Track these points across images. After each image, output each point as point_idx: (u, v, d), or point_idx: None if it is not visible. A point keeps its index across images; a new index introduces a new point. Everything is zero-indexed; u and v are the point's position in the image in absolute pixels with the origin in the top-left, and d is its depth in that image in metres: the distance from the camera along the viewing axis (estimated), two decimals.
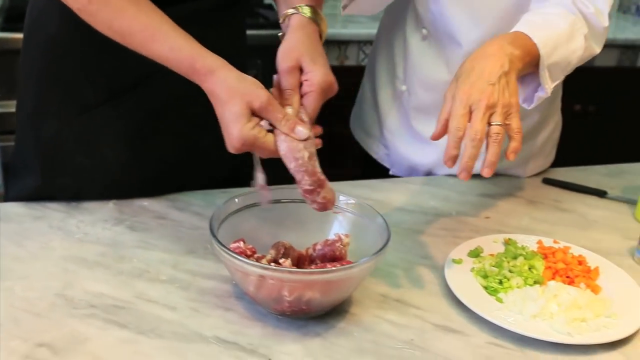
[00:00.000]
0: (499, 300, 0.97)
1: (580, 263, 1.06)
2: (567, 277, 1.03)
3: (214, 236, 0.87)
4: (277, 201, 1.01)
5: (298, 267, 0.95)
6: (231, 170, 1.27)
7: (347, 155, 1.83)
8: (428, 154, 1.38)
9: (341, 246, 0.95)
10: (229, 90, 0.89)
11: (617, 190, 1.37)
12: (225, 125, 0.89)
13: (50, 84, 1.12)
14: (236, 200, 0.97)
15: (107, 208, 1.14)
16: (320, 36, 1.05)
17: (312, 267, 0.95)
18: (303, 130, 0.91)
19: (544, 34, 1.03)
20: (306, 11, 1.03)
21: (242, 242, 0.92)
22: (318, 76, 0.96)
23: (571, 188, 1.37)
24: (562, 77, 1.10)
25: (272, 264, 0.91)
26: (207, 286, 0.96)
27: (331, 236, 0.99)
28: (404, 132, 1.41)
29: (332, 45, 2.44)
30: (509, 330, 0.90)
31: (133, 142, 1.15)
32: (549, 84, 1.06)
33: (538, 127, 1.40)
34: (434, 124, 1.33)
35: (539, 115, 1.37)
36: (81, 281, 0.95)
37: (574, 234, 1.19)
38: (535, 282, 1.00)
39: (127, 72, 1.10)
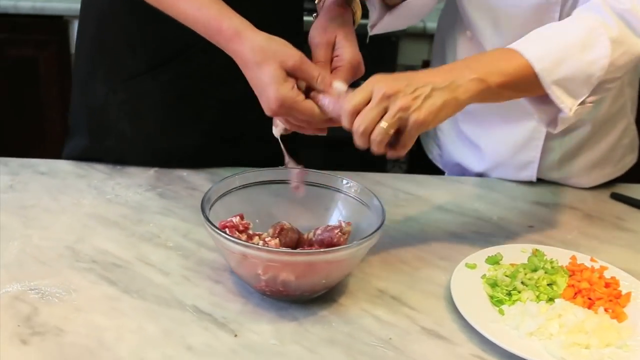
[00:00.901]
0: (501, 312, 0.90)
1: (607, 285, 0.96)
2: (589, 298, 0.95)
3: (203, 209, 0.88)
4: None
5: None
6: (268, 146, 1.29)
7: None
8: (478, 159, 1.32)
9: (340, 233, 0.94)
10: (260, 51, 0.89)
11: None
12: (260, 88, 0.89)
13: (98, 52, 1.20)
14: (236, 177, 0.98)
15: (147, 175, 1.20)
16: (354, 21, 1.05)
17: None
18: (341, 85, 0.91)
19: (540, 49, 0.92)
20: None
21: (238, 217, 0.93)
22: (349, 53, 0.97)
23: None
24: (586, 93, 0.95)
25: (261, 242, 0.91)
26: (207, 257, 0.98)
27: (333, 222, 0.97)
28: (455, 134, 1.36)
29: (422, 38, 2.37)
30: (498, 346, 0.84)
31: (172, 112, 1.20)
32: (567, 102, 0.94)
33: (600, 132, 1.29)
34: (482, 127, 1.29)
35: (593, 127, 1.27)
36: (94, 237, 1.01)
37: (623, 255, 1.08)
38: (550, 300, 0.93)
39: (168, 44, 1.15)
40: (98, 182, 1.16)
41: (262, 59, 0.89)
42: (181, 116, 1.20)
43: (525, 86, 0.94)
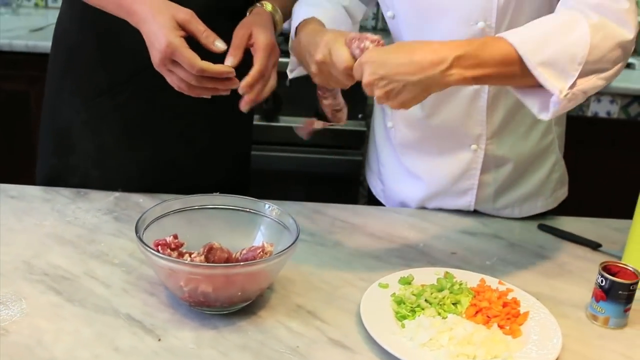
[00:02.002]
0: (402, 326, 1.01)
1: (505, 305, 1.06)
2: (487, 316, 1.05)
3: (137, 228, 1.00)
4: (224, 207, 1.13)
5: None
6: (227, 171, 1.42)
7: None
8: (417, 189, 1.42)
9: (262, 253, 1.05)
10: (157, 6, 1.07)
11: (618, 245, 1.33)
12: (153, 37, 1.05)
13: (63, 77, 1.34)
14: (178, 201, 1.10)
15: (107, 200, 1.33)
16: (275, 27, 1.24)
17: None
18: (220, 44, 1.08)
19: (522, 34, 1.00)
20: (268, 6, 1.23)
21: (172, 237, 1.05)
22: (262, 39, 1.16)
23: (566, 237, 1.35)
24: (574, 73, 0.99)
25: (189, 259, 1.03)
26: (147, 273, 1.10)
27: (258, 243, 1.09)
28: (395, 168, 1.45)
29: None
30: (392, 355, 0.94)
31: (129, 131, 1.33)
32: (557, 84, 0.99)
33: (531, 167, 1.40)
34: (421, 159, 1.40)
35: (523, 160, 1.38)
36: (49, 254, 1.13)
37: (534, 280, 1.18)
38: (449, 314, 1.03)
39: (124, 65, 1.29)
40: (61, 206, 1.29)
41: (157, 11, 1.07)
42: (137, 135, 1.33)
43: (512, 74, 1.01)
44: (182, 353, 0.93)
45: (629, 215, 1.25)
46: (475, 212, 1.42)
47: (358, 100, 2.22)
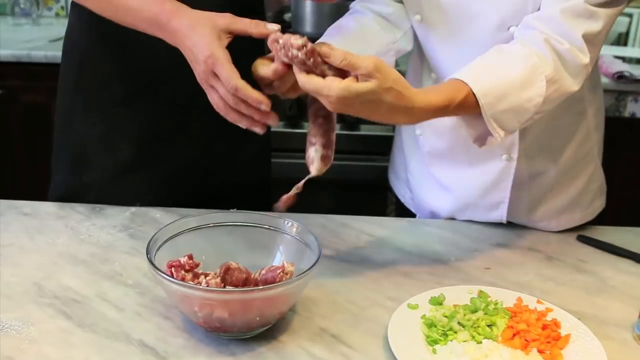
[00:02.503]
0: (434, 352, 0.94)
1: (545, 327, 0.98)
2: (526, 339, 0.97)
3: (148, 250, 0.95)
4: (242, 224, 1.07)
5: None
6: (247, 177, 1.36)
7: None
8: (446, 200, 1.35)
9: (282, 274, 0.98)
10: (195, 19, 0.99)
11: None
12: (195, 50, 0.98)
13: (75, 91, 1.30)
14: (193, 219, 1.04)
15: (123, 216, 1.27)
16: None
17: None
18: (274, 25, 0.98)
19: (487, 84, 1.00)
20: None
21: (186, 257, 0.99)
22: None
23: (606, 249, 1.26)
24: (519, 126, 1.06)
25: (204, 281, 0.97)
26: (162, 295, 1.04)
27: (277, 262, 1.02)
28: (424, 177, 1.39)
29: None
30: None
31: (146, 142, 1.29)
32: (500, 133, 1.04)
33: (568, 177, 1.32)
34: (451, 170, 1.33)
35: (563, 170, 1.30)
36: (60, 275, 1.08)
37: (576, 298, 1.10)
38: (485, 339, 0.96)
39: (139, 74, 1.25)
40: (75, 223, 1.24)
41: (197, 23, 0.99)
42: (154, 145, 1.29)
43: (465, 110, 1.03)
44: None
45: None
46: (509, 224, 1.34)
47: None
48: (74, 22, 1.30)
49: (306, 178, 1.00)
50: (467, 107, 1.01)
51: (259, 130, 1.01)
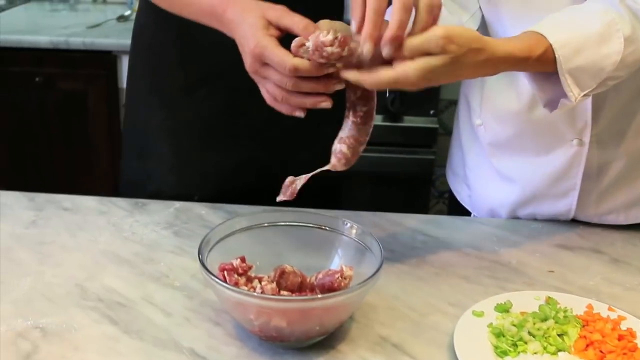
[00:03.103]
0: None
1: (621, 338, 0.92)
2: (601, 351, 0.90)
3: (199, 251, 0.89)
4: (297, 224, 1.01)
5: (298, 294, 0.94)
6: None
7: None
8: (508, 193, 1.28)
9: (341, 278, 0.92)
10: (247, 7, 0.94)
11: None
12: (243, 41, 0.92)
13: (142, 76, 1.29)
14: (243, 219, 0.98)
15: (167, 212, 1.22)
16: None
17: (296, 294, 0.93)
18: (326, 24, 0.90)
19: (565, 36, 0.96)
20: None
21: (239, 260, 0.93)
22: None
23: None
24: (593, 85, 0.99)
25: (259, 286, 0.91)
26: (211, 298, 0.98)
27: (335, 265, 0.96)
28: (484, 171, 1.32)
29: None
30: None
31: (206, 132, 1.27)
32: (574, 91, 0.99)
33: (638, 173, 1.24)
34: (515, 160, 1.26)
35: (635, 152, 1.22)
36: (104, 276, 1.03)
37: None
38: (559, 351, 0.89)
39: (202, 64, 1.22)
40: (117, 219, 1.19)
41: (247, 11, 0.93)
42: (213, 137, 1.27)
43: (543, 64, 0.98)
44: None
45: None
46: (572, 222, 1.27)
47: (429, 95, 2.07)
48: (142, 5, 1.29)
49: (318, 170, 0.94)
50: (544, 61, 0.96)
51: (327, 104, 0.92)
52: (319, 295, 0.84)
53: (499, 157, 1.28)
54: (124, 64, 2.43)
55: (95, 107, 2.45)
